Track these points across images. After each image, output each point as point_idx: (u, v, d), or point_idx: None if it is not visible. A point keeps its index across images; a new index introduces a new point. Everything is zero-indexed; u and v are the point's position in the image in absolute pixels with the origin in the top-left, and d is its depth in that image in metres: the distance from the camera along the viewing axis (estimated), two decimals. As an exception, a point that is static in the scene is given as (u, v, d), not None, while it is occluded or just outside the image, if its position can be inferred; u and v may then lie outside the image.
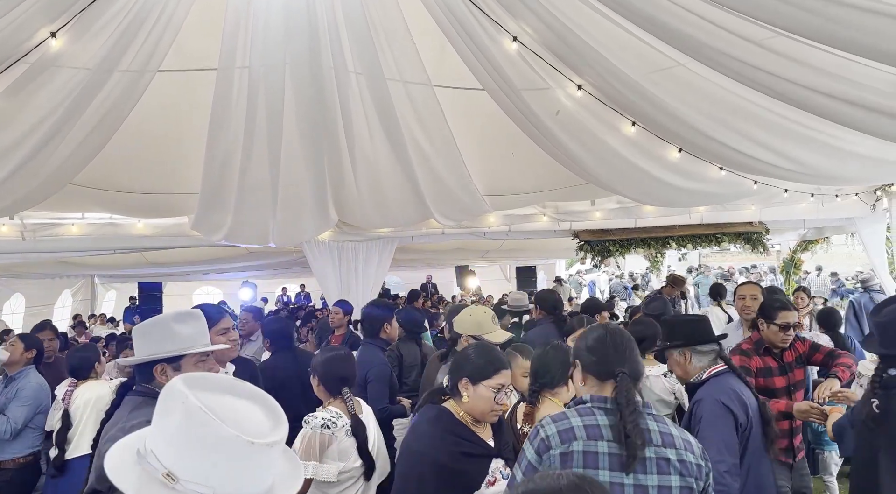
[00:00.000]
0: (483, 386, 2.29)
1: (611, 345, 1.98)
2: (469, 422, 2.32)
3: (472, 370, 2.33)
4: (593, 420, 1.87)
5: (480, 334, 3.23)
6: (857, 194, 8.43)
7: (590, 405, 1.92)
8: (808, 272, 15.65)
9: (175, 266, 12.73)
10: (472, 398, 2.31)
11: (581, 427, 1.84)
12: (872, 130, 3.91)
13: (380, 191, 6.10)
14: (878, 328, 2.68)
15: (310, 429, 2.73)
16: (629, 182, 5.96)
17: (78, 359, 4.28)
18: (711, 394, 2.76)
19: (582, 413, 1.89)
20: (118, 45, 3.72)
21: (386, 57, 4.22)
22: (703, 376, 2.89)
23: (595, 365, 1.97)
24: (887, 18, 2.59)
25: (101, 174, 5.57)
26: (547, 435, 1.84)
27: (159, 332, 2.36)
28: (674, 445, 1.89)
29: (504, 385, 2.32)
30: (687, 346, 2.94)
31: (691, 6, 3.00)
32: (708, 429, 2.63)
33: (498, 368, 2.33)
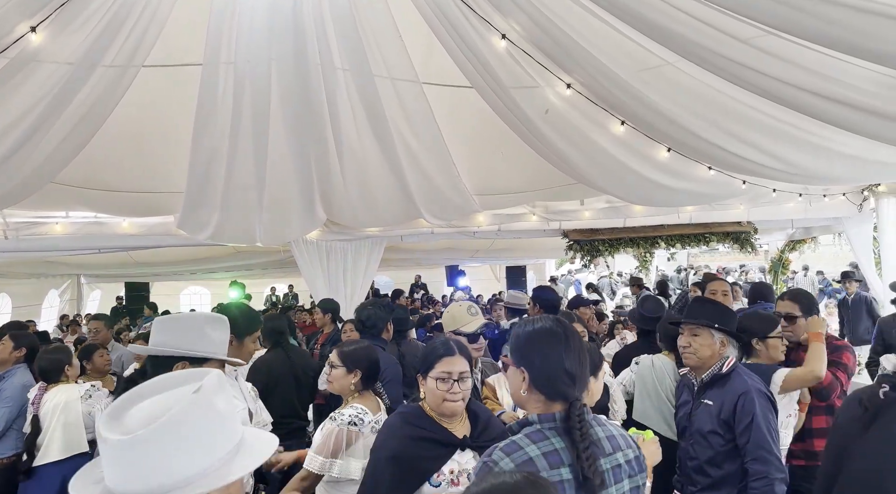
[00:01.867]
0: (430, 378, 2.31)
1: (569, 367, 1.75)
2: (436, 417, 2.33)
3: (421, 365, 2.38)
4: (549, 445, 1.69)
5: (457, 327, 3.28)
6: (844, 194, 8.49)
7: (539, 427, 1.73)
8: (796, 272, 15.75)
9: (162, 266, 12.64)
10: (427, 392, 2.34)
11: (540, 456, 1.67)
12: (859, 130, 3.92)
13: (368, 190, 6.06)
14: None
15: (336, 426, 2.65)
16: (618, 182, 5.95)
17: (48, 361, 4.11)
18: (753, 386, 2.76)
19: (535, 439, 1.70)
20: (101, 39, 3.66)
21: (373, 53, 4.18)
22: (723, 368, 2.85)
23: (546, 386, 1.76)
24: (876, 17, 2.58)
25: (85, 172, 5.50)
26: (503, 471, 1.61)
27: (194, 331, 2.34)
28: (619, 446, 1.82)
29: (450, 373, 2.28)
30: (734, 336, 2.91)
31: (680, 4, 2.99)
32: (762, 422, 2.64)
33: (439, 356, 2.32)
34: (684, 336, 2.99)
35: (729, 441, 2.68)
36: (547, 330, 1.82)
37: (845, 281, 8.54)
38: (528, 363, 1.78)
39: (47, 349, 4.37)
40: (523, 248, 14.38)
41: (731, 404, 2.72)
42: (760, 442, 2.61)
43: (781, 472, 2.60)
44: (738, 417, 2.68)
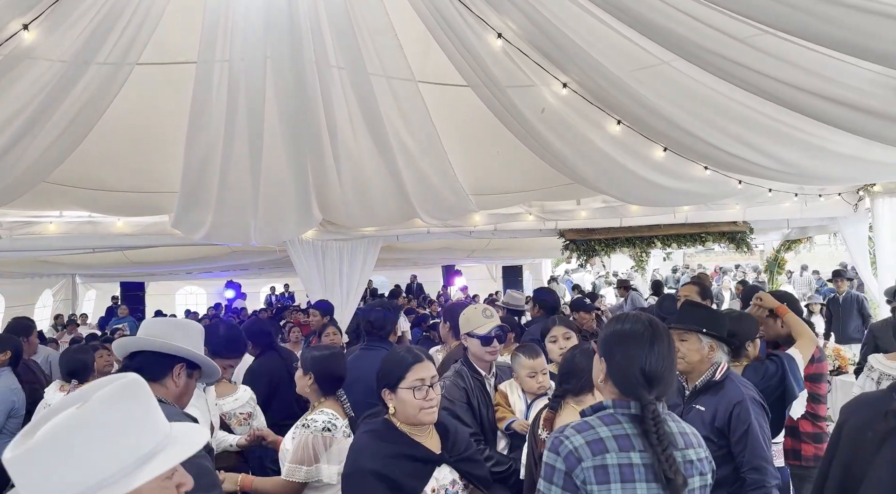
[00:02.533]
0: (401, 389, 2.20)
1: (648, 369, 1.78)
2: (410, 432, 2.23)
3: (385, 379, 2.25)
4: (621, 429, 1.76)
5: (471, 330, 3.15)
6: (840, 193, 8.50)
7: (612, 411, 1.80)
8: (792, 272, 15.78)
9: (157, 265, 12.60)
10: (398, 405, 2.22)
11: (611, 438, 1.73)
12: (855, 129, 3.92)
13: (364, 189, 6.04)
14: None
15: (310, 433, 2.66)
16: (614, 181, 5.95)
17: (74, 361, 4.18)
18: (747, 394, 2.73)
19: (607, 422, 1.77)
20: (95, 36, 3.63)
21: (369, 51, 4.16)
22: (716, 375, 2.81)
23: (621, 383, 1.82)
24: (875, 16, 2.58)
25: (79, 171, 5.47)
26: (575, 447, 1.72)
27: (196, 335, 2.31)
28: (692, 444, 1.85)
29: (424, 379, 2.21)
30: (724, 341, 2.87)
31: (677, 3, 2.98)
32: (757, 430, 2.62)
33: (409, 365, 2.23)
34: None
35: (721, 447, 2.64)
36: (634, 331, 1.86)
37: (836, 280, 8.56)
38: (609, 357, 1.85)
39: (70, 350, 4.52)
40: (520, 248, 14.38)
41: (726, 412, 2.68)
42: (757, 452, 2.59)
43: (776, 478, 2.60)
44: (733, 426, 2.65)
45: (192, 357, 2.25)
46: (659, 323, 1.90)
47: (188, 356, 2.24)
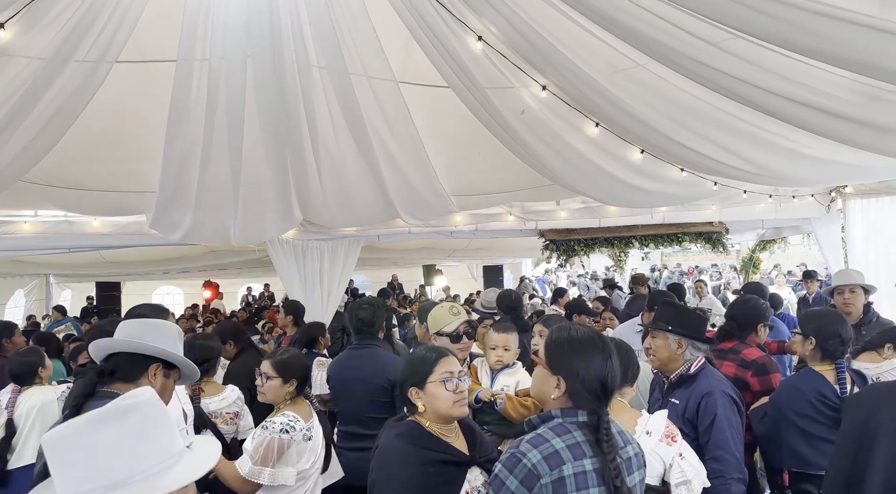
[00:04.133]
0: (430, 384, 2.22)
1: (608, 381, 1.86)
2: (438, 432, 2.21)
3: (412, 378, 2.26)
4: (572, 439, 1.81)
5: (439, 329, 3.21)
6: (812, 195, 8.68)
7: (561, 421, 1.85)
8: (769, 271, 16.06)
9: (134, 265, 12.45)
10: (428, 403, 2.22)
11: (565, 449, 1.77)
12: (825, 133, 4.02)
13: (345, 190, 6.04)
14: None
15: (268, 434, 2.69)
16: (593, 183, 6.02)
17: (20, 364, 4.08)
18: (718, 387, 2.82)
19: (559, 433, 1.82)
20: (74, 34, 3.59)
21: (350, 52, 4.17)
22: (691, 369, 2.92)
23: (579, 398, 1.86)
24: (842, 23, 2.65)
25: (55, 170, 5.40)
26: (533, 465, 1.74)
27: (172, 336, 2.30)
28: (629, 441, 1.93)
29: (452, 372, 2.23)
30: (693, 338, 2.97)
31: (650, 6, 3.03)
32: (723, 422, 2.70)
33: (435, 359, 2.26)
34: (647, 339, 3.12)
35: (694, 439, 2.73)
36: (591, 345, 1.90)
37: (806, 281, 8.72)
38: (566, 373, 1.86)
39: (19, 352, 4.33)
40: (500, 247, 14.46)
41: (695, 403, 2.79)
42: (719, 442, 2.66)
43: (739, 472, 2.64)
44: (700, 417, 2.74)
45: (167, 357, 2.25)
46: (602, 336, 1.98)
47: (164, 357, 2.25)
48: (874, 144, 4.09)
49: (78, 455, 1.25)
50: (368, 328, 3.92)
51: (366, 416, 3.54)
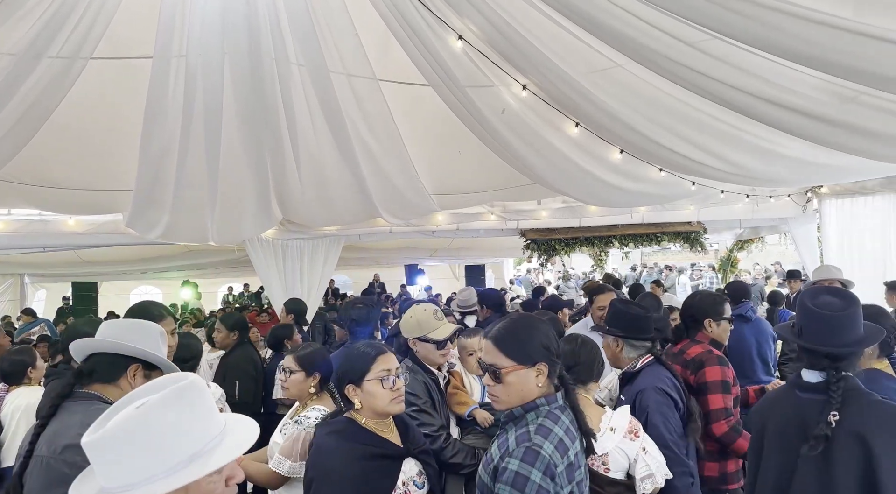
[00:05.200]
0: (368, 382, 2.22)
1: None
2: (373, 428, 2.24)
3: (349, 375, 2.26)
4: (564, 424, 1.88)
5: (424, 334, 3.04)
6: (789, 195, 8.81)
7: (548, 408, 1.90)
8: (750, 273, 16.27)
9: (111, 265, 12.28)
10: (365, 400, 2.23)
11: (564, 435, 1.85)
12: (801, 133, 4.07)
13: (325, 188, 6.01)
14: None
15: (303, 429, 2.65)
16: (573, 182, 6.05)
17: (10, 363, 4.05)
18: (651, 383, 2.85)
19: (554, 420, 1.87)
20: (47, 29, 3.54)
21: (329, 49, 4.14)
22: (637, 366, 2.98)
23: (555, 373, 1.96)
24: (808, 23, 2.69)
25: (29, 168, 5.30)
26: (549, 455, 1.78)
27: (152, 336, 2.27)
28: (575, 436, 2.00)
29: (390, 370, 2.24)
30: (623, 336, 3.02)
31: (628, 6, 3.05)
32: (657, 418, 2.73)
33: (373, 357, 2.26)
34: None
35: None
36: (531, 319, 2.02)
37: (790, 281, 8.80)
38: (545, 356, 1.92)
39: (11, 351, 4.34)
40: (482, 247, 14.49)
41: (631, 400, 2.84)
42: (656, 437, 2.67)
43: (682, 466, 2.66)
44: (637, 413, 2.77)
45: (146, 358, 2.22)
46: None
47: (143, 357, 2.21)
48: (848, 145, 4.16)
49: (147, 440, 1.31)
50: (363, 326, 3.94)
51: None
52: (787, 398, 2.27)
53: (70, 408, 2.03)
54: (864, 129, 3.77)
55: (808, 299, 2.24)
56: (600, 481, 2.37)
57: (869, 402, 2.07)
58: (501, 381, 1.91)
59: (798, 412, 2.17)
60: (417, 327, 3.06)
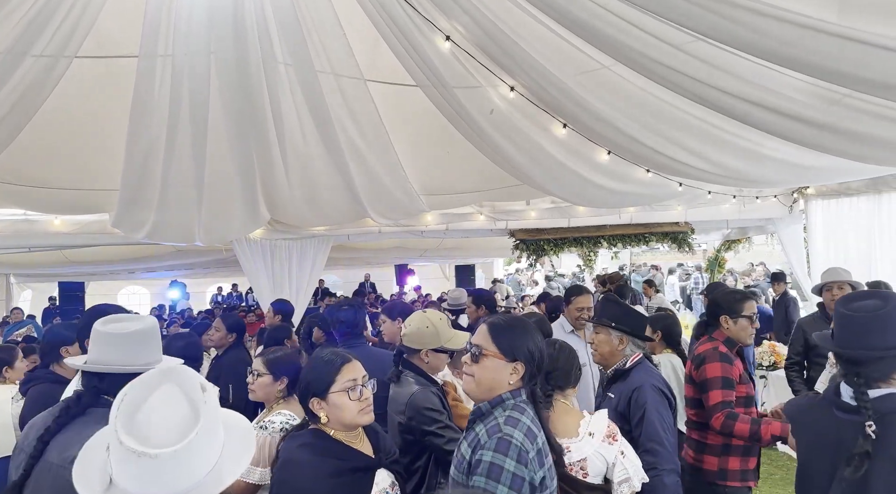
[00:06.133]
0: (334, 394, 2.09)
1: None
2: (344, 439, 2.12)
3: (313, 387, 2.12)
4: (529, 415, 1.93)
5: (442, 344, 2.93)
6: (775, 196, 8.87)
7: (514, 401, 1.95)
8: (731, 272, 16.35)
9: (98, 265, 12.18)
10: (331, 413, 2.09)
11: (531, 424, 1.90)
12: (785, 135, 4.10)
13: (313, 188, 5.99)
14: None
15: (268, 435, 2.63)
16: (561, 183, 6.06)
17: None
18: (647, 381, 2.89)
19: (521, 411, 1.92)
20: (31, 27, 3.50)
21: (316, 49, 4.13)
22: (627, 363, 3.01)
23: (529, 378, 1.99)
24: (792, 26, 2.71)
25: (13, 167, 5.25)
26: (520, 442, 1.83)
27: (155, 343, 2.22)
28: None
29: (356, 379, 2.12)
30: (634, 335, 3.04)
31: (614, 8, 3.06)
32: (653, 415, 2.77)
33: (338, 367, 2.13)
34: (590, 334, 3.20)
35: (627, 431, 2.79)
36: (526, 323, 2.06)
37: (774, 283, 8.85)
38: (524, 356, 1.96)
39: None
40: (471, 247, 14.50)
41: (627, 397, 2.87)
42: (651, 435, 2.73)
43: (671, 463, 2.71)
44: (631, 410, 2.81)
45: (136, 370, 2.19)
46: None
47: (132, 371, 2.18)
48: (833, 147, 4.20)
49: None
50: (352, 328, 3.83)
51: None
52: (823, 414, 2.10)
53: (83, 419, 2.01)
54: (849, 131, 3.80)
55: (843, 302, 2.11)
56: (578, 486, 2.37)
57: None
58: (478, 363, 1.97)
59: (836, 433, 2.01)
60: (437, 337, 2.94)
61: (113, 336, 2.13)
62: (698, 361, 3.23)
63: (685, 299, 17.65)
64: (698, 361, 3.23)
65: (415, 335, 2.95)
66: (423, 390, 2.81)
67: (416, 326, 2.97)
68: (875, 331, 1.97)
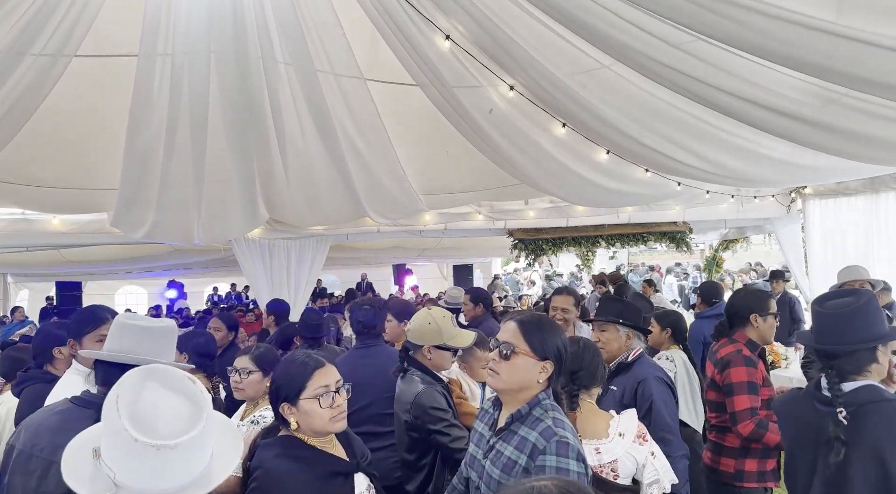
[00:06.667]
0: (303, 401, 1.99)
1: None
2: (319, 445, 2.05)
3: (283, 391, 2.03)
4: (563, 414, 1.98)
5: (445, 342, 2.94)
6: (773, 195, 8.89)
7: (550, 401, 1.99)
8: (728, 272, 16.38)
9: (95, 265, 12.16)
10: (302, 420, 2.01)
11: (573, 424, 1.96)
12: (785, 134, 4.11)
13: (312, 187, 5.99)
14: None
15: (261, 429, 2.63)
16: (560, 183, 6.07)
17: (9, 360, 4.00)
18: (651, 373, 2.98)
19: (559, 411, 1.97)
20: (31, 26, 3.50)
21: (316, 48, 4.13)
22: (629, 357, 3.07)
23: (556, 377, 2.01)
24: (790, 25, 2.72)
25: (11, 167, 5.25)
26: (574, 442, 1.88)
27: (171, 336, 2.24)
28: None
29: (328, 385, 2.02)
30: (640, 330, 3.14)
31: (613, 7, 3.07)
32: (661, 405, 2.86)
33: (309, 373, 2.03)
34: (594, 332, 3.22)
35: None
36: (553, 322, 2.11)
37: (773, 281, 8.84)
38: (556, 357, 1.98)
39: (12, 348, 4.33)
40: (470, 247, 14.51)
41: (632, 390, 2.93)
42: (661, 425, 2.81)
43: (682, 450, 2.82)
44: (638, 402, 2.87)
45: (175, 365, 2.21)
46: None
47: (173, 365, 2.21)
48: (830, 146, 4.21)
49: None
50: (369, 329, 3.77)
51: (381, 414, 3.37)
52: (806, 407, 2.22)
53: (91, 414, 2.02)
54: (847, 130, 3.81)
55: (819, 301, 2.24)
56: (609, 488, 2.35)
57: (883, 410, 2.00)
58: (509, 360, 1.97)
59: (816, 424, 2.12)
60: (439, 334, 2.94)
61: (139, 329, 2.15)
62: (722, 364, 3.19)
63: (683, 298, 17.68)
64: (722, 364, 3.19)
65: (417, 331, 2.98)
66: (429, 389, 2.81)
67: (419, 322, 3.00)
68: (847, 326, 2.10)
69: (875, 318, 2.11)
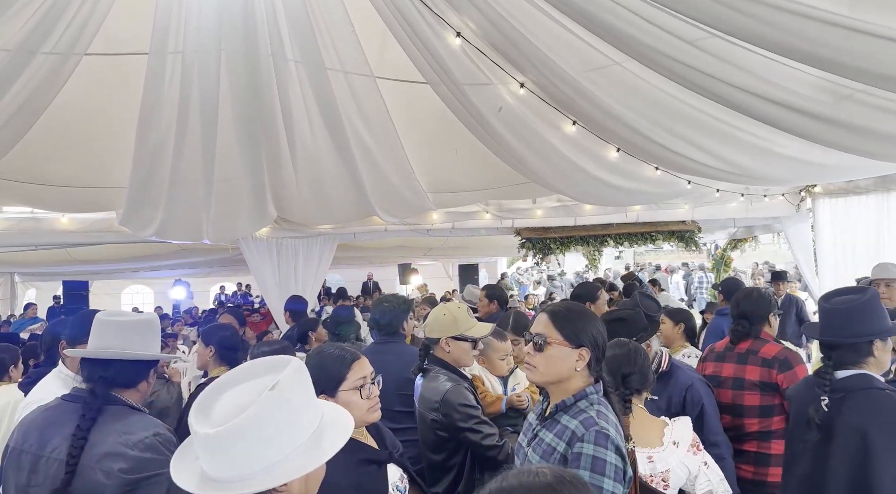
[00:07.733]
0: (343, 392, 2.02)
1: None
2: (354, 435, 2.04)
3: (322, 384, 1.99)
4: (609, 408, 1.94)
5: (461, 332, 2.92)
6: (783, 194, 8.83)
7: (597, 396, 1.96)
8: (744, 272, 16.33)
9: (102, 263, 12.21)
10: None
11: (617, 424, 1.91)
12: (797, 131, 4.08)
13: (321, 186, 5.99)
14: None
15: None
16: (569, 181, 6.05)
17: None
18: (694, 377, 3.00)
19: (606, 407, 1.94)
20: (42, 25, 3.51)
21: (326, 46, 4.13)
22: (662, 366, 3.02)
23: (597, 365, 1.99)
24: (804, 19, 2.70)
25: (21, 165, 5.26)
26: (614, 436, 1.85)
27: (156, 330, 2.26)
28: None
29: (366, 377, 2.06)
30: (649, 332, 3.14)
31: (628, 3, 3.05)
32: (710, 409, 2.89)
33: (348, 363, 2.06)
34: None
35: None
36: (587, 310, 2.09)
37: (775, 283, 8.77)
38: (589, 343, 1.95)
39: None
40: (476, 246, 14.49)
41: (680, 397, 2.89)
42: (714, 429, 2.82)
43: (730, 449, 2.86)
44: (688, 408, 2.85)
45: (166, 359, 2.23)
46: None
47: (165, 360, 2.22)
48: (842, 143, 4.17)
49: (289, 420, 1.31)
50: (385, 327, 3.78)
51: (394, 410, 3.32)
52: (808, 392, 2.41)
53: (102, 418, 2.04)
54: (860, 127, 3.78)
55: (825, 297, 2.42)
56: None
57: (870, 395, 2.18)
58: (543, 352, 1.95)
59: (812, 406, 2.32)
60: (454, 324, 2.93)
61: (114, 325, 2.20)
62: (783, 365, 3.06)
63: (689, 297, 17.65)
64: (783, 365, 3.06)
65: (433, 323, 3.00)
66: (457, 386, 2.79)
67: (434, 315, 3.03)
68: (849, 321, 2.29)
69: (876, 314, 2.31)
